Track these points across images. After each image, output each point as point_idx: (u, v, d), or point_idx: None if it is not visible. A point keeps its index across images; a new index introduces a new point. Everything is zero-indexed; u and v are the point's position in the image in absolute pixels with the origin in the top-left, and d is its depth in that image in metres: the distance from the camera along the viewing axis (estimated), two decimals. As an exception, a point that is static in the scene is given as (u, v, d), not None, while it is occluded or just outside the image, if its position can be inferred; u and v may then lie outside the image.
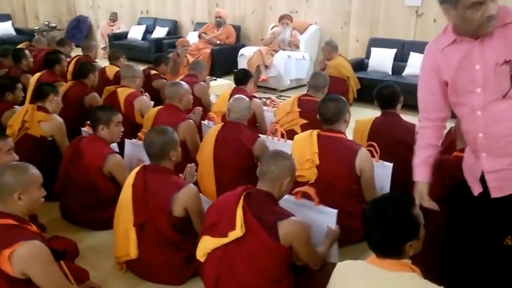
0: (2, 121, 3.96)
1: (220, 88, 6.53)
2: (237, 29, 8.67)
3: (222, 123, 3.68)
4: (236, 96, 3.78)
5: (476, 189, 2.16)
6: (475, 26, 1.93)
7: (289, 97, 6.58)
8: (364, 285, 1.77)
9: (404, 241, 1.77)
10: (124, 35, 9.94)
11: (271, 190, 2.39)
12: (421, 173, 2.27)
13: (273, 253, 2.24)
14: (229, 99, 4.43)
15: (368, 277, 1.78)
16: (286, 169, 2.42)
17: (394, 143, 3.55)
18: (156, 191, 2.67)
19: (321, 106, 3.25)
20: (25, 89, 4.67)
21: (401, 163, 3.35)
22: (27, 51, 5.83)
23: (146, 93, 4.73)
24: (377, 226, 1.79)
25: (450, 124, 2.70)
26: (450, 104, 2.19)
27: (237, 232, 2.23)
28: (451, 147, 3.08)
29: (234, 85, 6.79)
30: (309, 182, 3.06)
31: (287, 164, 2.43)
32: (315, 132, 3.24)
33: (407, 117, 3.88)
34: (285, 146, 3.76)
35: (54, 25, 11.20)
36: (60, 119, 3.78)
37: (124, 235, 2.71)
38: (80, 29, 11.25)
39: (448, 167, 2.69)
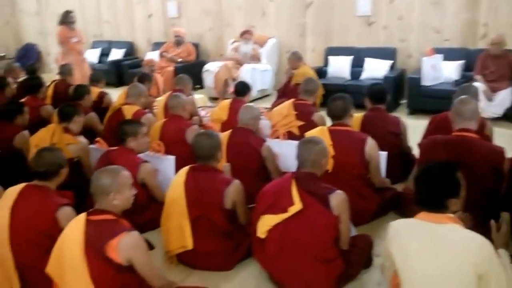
0: (14, 144, 4.05)
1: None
2: (196, 46, 8.99)
3: (231, 130, 3.99)
4: (246, 105, 4.15)
5: None
6: None
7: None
8: (416, 237, 2.15)
9: (447, 196, 2.15)
10: (78, 60, 9.93)
11: (313, 171, 2.79)
12: None
13: (328, 221, 2.65)
14: (229, 108, 4.82)
15: (419, 230, 2.16)
16: (320, 152, 2.82)
17: (384, 134, 4.05)
18: (207, 187, 2.97)
19: (330, 104, 3.70)
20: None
21: (392, 151, 3.86)
22: (9, 79, 5.84)
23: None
24: (427, 182, 2.19)
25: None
26: None
27: (297, 206, 2.62)
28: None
29: (206, 98, 7.20)
30: (328, 171, 3.46)
31: (319, 148, 2.83)
32: (325, 127, 3.66)
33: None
34: (289, 145, 4.14)
35: (2, 54, 10.97)
36: (85, 142, 3.99)
37: (178, 229, 2.97)
38: (28, 57, 11.08)
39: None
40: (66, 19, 8.01)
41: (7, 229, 2.67)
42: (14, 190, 2.78)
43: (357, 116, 4.26)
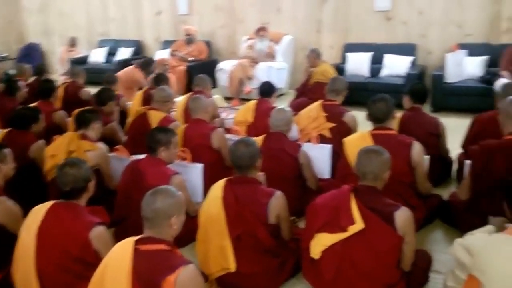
0: (29, 154, 3.77)
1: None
2: (207, 44, 8.71)
3: (264, 136, 3.72)
4: (278, 108, 3.89)
5: None
6: None
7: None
8: (507, 255, 1.93)
9: None
10: (84, 60, 9.64)
11: (374, 185, 2.53)
12: None
13: (393, 242, 2.39)
14: (255, 110, 4.57)
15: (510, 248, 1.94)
16: (384, 164, 2.54)
17: (423, 135, 3.79)
18: (249, 201, 2.71)
19: (372, 106, 3.43)
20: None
21: (432, 153, 3.64)
22: (20, 83, 5.57)
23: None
24: None
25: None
26: None
27: (359, 225, 2.37)
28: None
29: (222, 99, 6.92)
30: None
31: (382, 159, 2.54)
32: (366, 132, 3.41)
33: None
34: (321, 149, 3.90)
35: (5, 54, 10.68)
36: (105, 148, 3.74)
37: (218, 250, 2.70)
38: (32, 57, 10.79)
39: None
40: (146, 68, 7.50)
41: (33, 254, 2.42)
42: (40, 210, 2.51)
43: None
